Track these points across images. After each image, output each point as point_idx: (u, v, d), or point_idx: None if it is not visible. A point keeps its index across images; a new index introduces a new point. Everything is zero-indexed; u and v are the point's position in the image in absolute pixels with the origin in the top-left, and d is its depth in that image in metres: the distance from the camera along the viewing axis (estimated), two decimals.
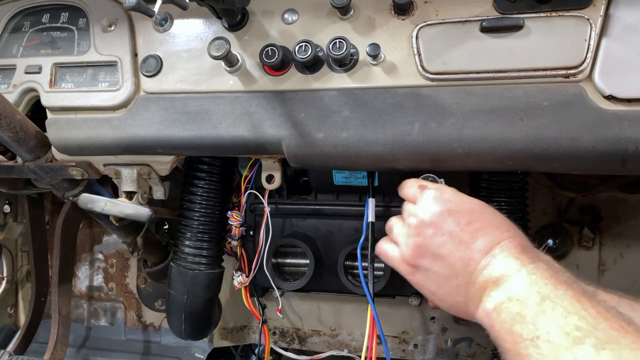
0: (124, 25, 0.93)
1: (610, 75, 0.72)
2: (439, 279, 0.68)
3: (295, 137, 0.81)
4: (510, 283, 0.60)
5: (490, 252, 0.64)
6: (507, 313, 0.58)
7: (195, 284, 1.05)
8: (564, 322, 0.53)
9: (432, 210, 0.69)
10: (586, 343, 0.50)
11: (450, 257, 0.66)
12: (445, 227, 0.67)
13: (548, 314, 0.54)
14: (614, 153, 0.71)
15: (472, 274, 0.64)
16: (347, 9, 0.81)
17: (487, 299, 0.62)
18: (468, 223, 0.67)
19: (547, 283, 0.58)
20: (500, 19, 0.76)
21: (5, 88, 0.96)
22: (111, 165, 0.97)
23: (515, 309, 0.57)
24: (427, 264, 0.69)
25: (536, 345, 0.53)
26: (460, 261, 0.65)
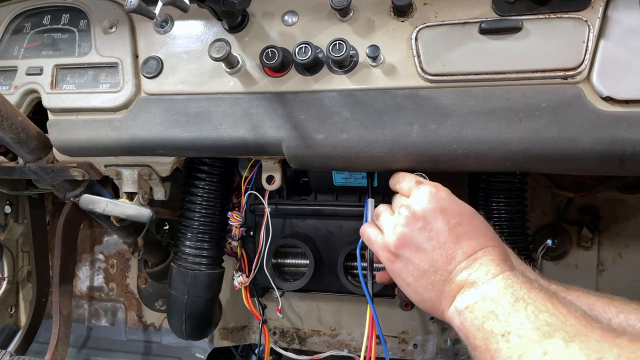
0: (124, 27, 0.94)
1: (608, 76, 0.72)
2: (416, 271, 0.70)
3: (295, 138, 0.82)
4: (487, 285, 0.62)
5: (472, 256, 0.66)
6: (480, 311, 0.60)
7: (196, 284, 1.06)
8: (535, 319, 0.55)
9: (425, 205, 0.70)
10: (555, 336, 0.51)
11: (433, 252, 0.68)
12: (435, 223, 0.69)
13: (520, 312, 0.56)
14: (612, 154, 0.72)
15: (451, 273, 0.66)
16: (347, 10, 0.82)
17: (461, 297, 0.64)
18: (457, 224, 0.69)
19: (522, 287, 0.60)
20: (499, 21, 0.77)
21: (7, 89, 0.97)
22: (112, 166, 0.98)
23: (489, 307, 0.59)
24: (409, 255, 0.70)
25: (507, 340, 0.55)
26: (442, 258, 0.67)
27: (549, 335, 0.52)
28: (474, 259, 0.66)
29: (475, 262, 0.65)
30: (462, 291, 0.64)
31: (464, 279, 0.65)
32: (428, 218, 0.69)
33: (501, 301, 0.59)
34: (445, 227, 0.68)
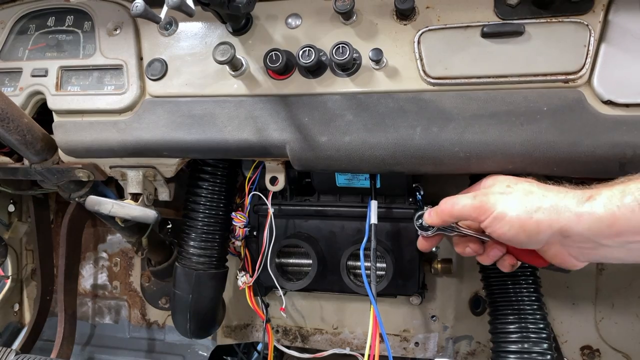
0: (129, 29, 0.94)
1: (609, 80, 0.73)
2: None
3: (299, 140, 0.83)
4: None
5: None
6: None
7: (200, 283, 1.07)
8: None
9: None
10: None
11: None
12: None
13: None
14: (613, 157, 0.73)
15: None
16: (350, 14, 0.83)
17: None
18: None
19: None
20: (501, 25, 0.77)
21: (12, 91, 0.97)
22: (117, 168, 0.99)
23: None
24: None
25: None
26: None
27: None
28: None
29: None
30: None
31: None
32: None
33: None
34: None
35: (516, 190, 0.71)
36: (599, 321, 1.23)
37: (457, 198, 0.76)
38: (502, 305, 0.97)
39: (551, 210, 0.67)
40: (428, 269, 1.24)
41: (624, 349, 1.22)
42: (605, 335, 1.23)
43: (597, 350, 1.23)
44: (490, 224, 0.71)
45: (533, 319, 0.94)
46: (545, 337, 0.92)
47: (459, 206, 0.75)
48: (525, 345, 0.91)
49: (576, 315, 1.24)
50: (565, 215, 0.66)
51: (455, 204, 0.75)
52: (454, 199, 0.77)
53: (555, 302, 1.24)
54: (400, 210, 1.06)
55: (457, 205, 0.75)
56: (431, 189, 1.11)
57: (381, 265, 1.03)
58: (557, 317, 1.25)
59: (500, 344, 0.94)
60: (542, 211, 0.67)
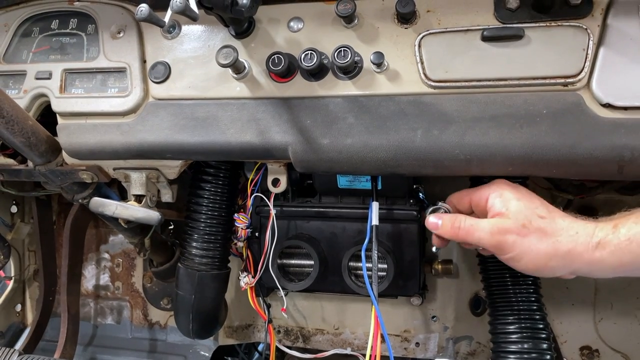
0: (132, 32, 0.95)
1: (608, 83, 0.74)
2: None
3: (301, 143, 0.84)
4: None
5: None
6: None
7: (203, 284, 1.08)
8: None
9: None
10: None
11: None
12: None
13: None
14: (611, 160, 0.73)
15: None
16: (352, 17, 0.83)
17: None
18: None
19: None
20: (501, 29, 0.78)
21: (16, 93, 0.98)
22: (121, 170, 1.00)
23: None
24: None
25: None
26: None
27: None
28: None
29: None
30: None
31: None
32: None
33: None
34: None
35: (532, 231, 0.75)
36: (598, 322, 1.24)
37: (475, 227, 0.79)
38: (502, 306, 0.98)
39: (565, 258, 0.73)
40: (428, 269, 1.24)
41: (623, 349, 1.23)
42: (605, 335, 1.24)
43: (597, 351, 1.24)
44: (506, 261, 0.79)
45: (532, 319, 0.95)
46: (544, 337, 0.93)
47: (476, 237, 0.79)
48: (525, 345, 0.92)
49: (575, 316, 1.25)
50: (577, 261, 0.72)
51: (472, 233, 0.79)
52: (471, 226, 0.79)
53: (555, 303, 1.25)
54: (401, 212, 1.07)
55: (474, 235, 0.79)
56: (432, 190, 1.12)
57: (382, 266, 1.04)
58: (557, 317, 1.26)
59: (500, 344, 0.95)
60: (558, 258, 0.74)
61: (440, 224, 0.83)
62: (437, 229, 0.84)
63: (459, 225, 0.80)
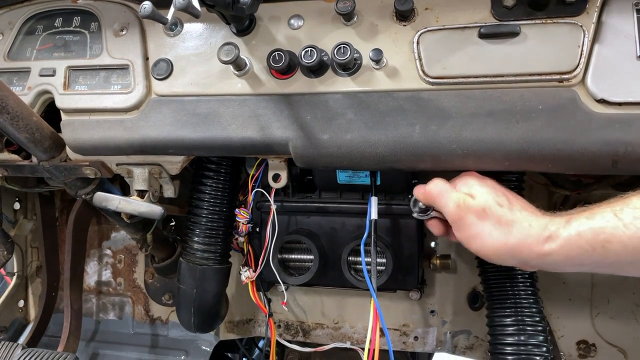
0: (135, 29, 0.97)
1: (602, 79, 0.76)
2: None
3: (301, 138, 0.85)
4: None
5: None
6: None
7: (204, 278, 1.09)
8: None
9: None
10: None
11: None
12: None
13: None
14: (606, 155, 0.75)
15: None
16: (351, 15, 0.85)
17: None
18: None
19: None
20: (497, 26, 0.80)
21: (20, 90, 0.99)
22: (124, 165, 1.01)
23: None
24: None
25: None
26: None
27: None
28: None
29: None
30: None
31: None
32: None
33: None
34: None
35: (489, 217, 0.76)
36: (595, 316, 1.26)
37: (446, 193, 0.80)
38: (499, 300, 1.00)
39: (514, 248, 0.74)
40: (427, 264, 1.26)
41: (619, 343, 1.24)
42: (601, 330, 1.25)
43: (593, 345, 1.26)
44: (460, 239, 0.80)
45: (529, 313, 0.96)
46: (541, 329, 0.95)
47: (443, 202, 0.80)
48: (521, 338, 0.94)
49: (572, 311, 1.26)
50: (526, 254, 0.73)
51: (442, 196, 0.81)
52: (443, 190, 0.81)
53: (552, 297, 1.26)
54: (399, 207, 1.08)
55: (442, 199, 0.80)
56: None
57: (381, 261, 1.05)
58: (554, 312, 1.27)
59: (497, 336, 0.97)
60: (507, 248, 0.74)
61: (427, 188, 0.84)
62: (423, 191, 0.84)
63: (439, 186, 0.82)
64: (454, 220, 0.79)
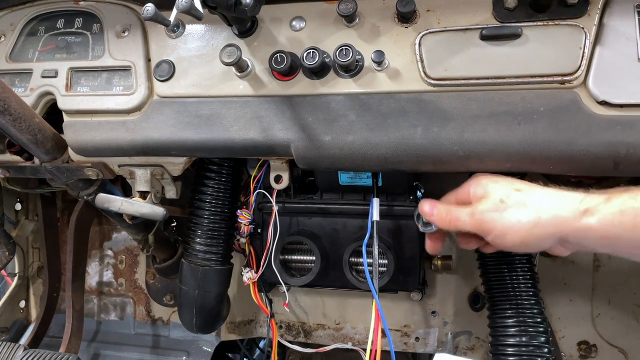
0: (137, 31, 0.97)
1: (604, 82, 0.76)
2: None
3: (303, 140, 0.85)
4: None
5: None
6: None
7: (206, 279, 1.09)
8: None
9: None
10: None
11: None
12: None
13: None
14: (607, 156, 0.75)
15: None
16: (353, 17, 0.85)
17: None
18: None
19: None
20: (499, 28, 0.80)
21: (23, 92, 1.00)
22: (126, 167, 1.01)
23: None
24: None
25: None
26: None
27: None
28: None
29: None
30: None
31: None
32: None
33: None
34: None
35: (511, 205, 0.74)
36: (596, 317, 1.26)
37: (457, 215, 0.79)
38: (501, 301, 1.00)
39: (550, 224, 0.70)
40: (428, 265, 1.26)
41: (621, 344, 1.24)
42: (602, 331, 1.25)
43: (594, 346, 1.26)
44: (493, 242, 0.76)
45: (531, 314, 0.96)
46: (542, 330, 0.95)
47: (460, 223, 0.79)
48: (523, 339, 0.94)
49: (573, 312, 1.27)
50: (564, 228, 0.70)
51: (455, 221, 0.79)
52: (453, 215, 0.80)
53: (553, 298, 1.26)
54: (401, 208, 1.09)
55: (458, 222, 0.79)
56: (431, 187, 1.14)
57: (383, 262, 1.06)
58: (555, 313, 1.27)
59: (499, 337, 0.97)
60: (541, 225, 0.71)
61: (436, 212, 0.83)
62: (432, 216, 0.84)
63: (449, 212, 0.81)
64: (479, 229, 0.76)
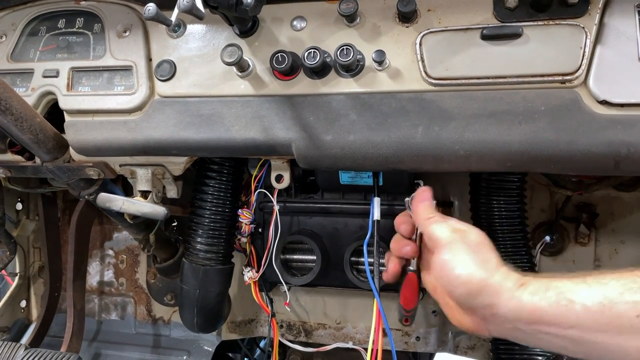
0: (138, 31, 0.97)
1: (604, 81, 0.76)
2: None
3: (304, 139, 0.85)
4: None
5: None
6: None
7: (207, 279, 1.10)
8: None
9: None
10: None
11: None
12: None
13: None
14: (608, 155, 0.75)
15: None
16: (354, 16, 0.85)
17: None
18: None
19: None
20: (500, 27, 0.80)
21: (24, 91, 1.00)
22: (127, 166, 1.01)
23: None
24: None
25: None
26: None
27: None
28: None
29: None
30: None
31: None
32: None
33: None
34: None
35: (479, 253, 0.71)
36: None
37: (433, 226, 0.76)
38: None
39: (493, 288, 0.68)
40: None
41: None
42: None
43: None
44: (436, 263, 0.73)
45: None
46: None
47: (431, 233, 0.76)
48: None
49: None
50: (504, 296, 0.67)
51: (429, 231, 0.77)
52: (431, 224, 0.77)
53: None
54: (402, 207, 1.08)
55: (429, 232, 0.76)
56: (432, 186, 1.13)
57: (383, 261, 1.05)
58: None
59: None
60: (486, 292, 0.68)
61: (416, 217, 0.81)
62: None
63: (421, 211, 0.79)
64: (446, 243, 0.73)
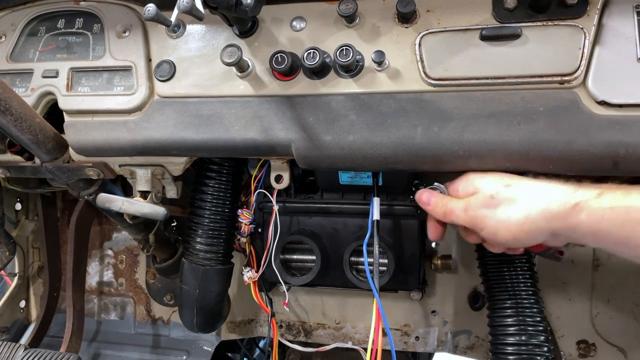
0: (138, 31, 0.97)
1: (603, 81, 0.76)
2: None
3: (304, 139, 0.85)
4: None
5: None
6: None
7: (207, 279, 1.10)
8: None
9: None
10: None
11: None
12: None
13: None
14: (606, 156, 0.75)
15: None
16: (353, 17, 0.85)
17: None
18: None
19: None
20: (499, 28, 0.80)
21: (23, 91, 1.00)
22: (126, 166, 1.01)
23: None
24: None
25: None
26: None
27: None
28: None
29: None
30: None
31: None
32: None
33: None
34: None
35: (500, 201, 0.75)
36: (595, 316, 1.26)
37: (452, 207, 0.81)
38: (500, 300, 1.00)
39: (539, 219, 0.71)
40: (428, 264, 1.27)
41: (619, 343, 1.25)
42: (601, 329, 1.26)
43: (593, 345, 1.26)
44: (486, 237, 0.79)
45: (530, 313, 0.97)
46: (542, 329, 0.95)
47: (454, 216, 0.81)
48: (522, 338, 0.94)
49: (572, 311, 1.27)
50: (553, 222, 0.70)
51: (450, 214, 0.82)
52: (448, 207, 0.82)
53: (552, 297, 1.27)
54: (401, 207, 1.09)
55: (452, 215, 0.81)
56: None
57: (383, 261, 1.06)
58: (554, 312, 1.28)
59: (499, 336, 0.97)
60: (531, 221, 0.72)
61: (432, 202, 0.85)
62: (428, 205, 0.86)
63: (445, 204, 0.83)
64: (470, 224, 0.78)
